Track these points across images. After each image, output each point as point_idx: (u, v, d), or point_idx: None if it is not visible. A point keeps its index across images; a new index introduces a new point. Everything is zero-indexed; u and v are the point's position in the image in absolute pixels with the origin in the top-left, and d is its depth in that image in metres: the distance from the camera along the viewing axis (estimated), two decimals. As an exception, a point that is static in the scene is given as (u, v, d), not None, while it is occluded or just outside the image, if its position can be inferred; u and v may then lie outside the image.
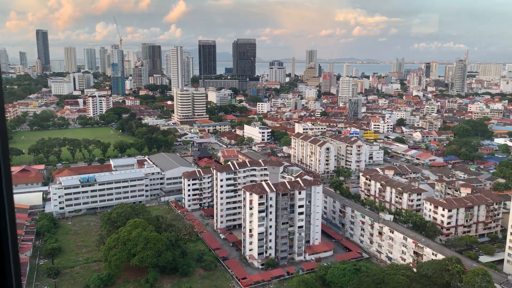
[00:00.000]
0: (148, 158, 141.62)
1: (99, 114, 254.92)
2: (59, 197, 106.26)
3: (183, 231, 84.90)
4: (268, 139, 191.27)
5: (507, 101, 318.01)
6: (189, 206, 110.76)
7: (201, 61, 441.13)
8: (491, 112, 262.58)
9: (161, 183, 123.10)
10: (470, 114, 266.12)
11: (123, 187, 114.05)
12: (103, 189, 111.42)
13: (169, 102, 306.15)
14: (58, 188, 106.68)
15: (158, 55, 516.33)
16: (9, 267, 2.54)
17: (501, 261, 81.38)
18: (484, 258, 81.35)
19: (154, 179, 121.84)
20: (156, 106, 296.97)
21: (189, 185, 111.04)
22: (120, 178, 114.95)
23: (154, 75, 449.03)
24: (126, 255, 73.36)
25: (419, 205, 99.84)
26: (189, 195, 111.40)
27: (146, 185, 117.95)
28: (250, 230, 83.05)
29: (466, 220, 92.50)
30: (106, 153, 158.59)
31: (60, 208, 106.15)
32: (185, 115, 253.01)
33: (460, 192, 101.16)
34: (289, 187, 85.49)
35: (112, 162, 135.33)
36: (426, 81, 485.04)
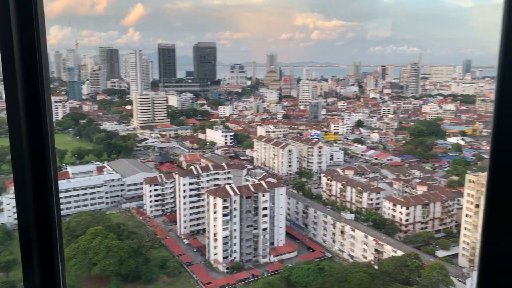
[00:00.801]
0: (108, 165, 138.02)
1: (55, 120, 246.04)
2: (13, 207, 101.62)
3: (146, 237, 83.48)
4: (231, 143, 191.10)
5: (458, 102, 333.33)
6: (151, 212, 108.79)
7: (161, 64, 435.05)
8: (444, 112, 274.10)
9: (122, 190, 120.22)
10: (424, 114, 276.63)
11: (82, 194, 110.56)
12: (61, 198, 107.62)
13: (128, 107, 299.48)
14: (12, 198, 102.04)
15: (116, 59, 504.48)
16: (58, 268, 2.63)
17: (456, 255, 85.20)
18: (440, 253, 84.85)
19: (114, 185, 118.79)
20: (115, 111, 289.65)
21: (150, 191, 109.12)
22: (79, 186, 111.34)
23: (112, 80, 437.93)
24: (87, 265, 71.23)
25: (379, 203, 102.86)
26: (151, 201, 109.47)
27: (106, 192, 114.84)
28: (215, 234, 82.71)
29: (423, 217, 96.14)
30: (63, 160, 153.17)
31: (15, 219, 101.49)
32: (145, 120, 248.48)
33: (416, 190, 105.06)
34: (253, 190, 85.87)
35: (69, 169, 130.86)
36: (382, 83, 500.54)
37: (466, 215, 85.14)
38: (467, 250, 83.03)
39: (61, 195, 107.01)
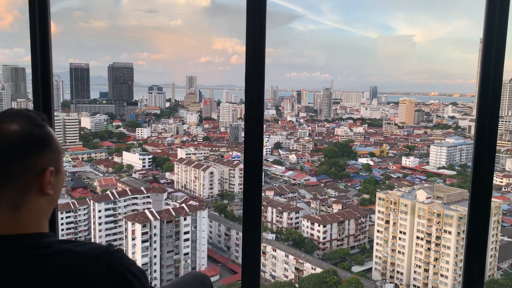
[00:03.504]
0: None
1: None
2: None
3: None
4: (149, 166, 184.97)
5: (366, 125, 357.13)
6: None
7: (73, 84, 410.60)
8: (354, 135, 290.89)
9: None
10: (337, 137, 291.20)
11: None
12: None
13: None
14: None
15: (22, 78, 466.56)
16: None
17: (370, 269, 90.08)
18: (356, 268, 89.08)
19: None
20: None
21: (62, 218, 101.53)
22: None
23: (18, 100, 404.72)
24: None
25: (298, 222, 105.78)
26: (62, 229, 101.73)
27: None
28: (133, 262, 79.10)
29: (339, 234, 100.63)
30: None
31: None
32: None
33: (332, 208, 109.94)
34: (174, 214, 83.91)
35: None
36: (298, 107, 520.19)
37: (378, 231, 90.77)
38: (379, 264, 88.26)
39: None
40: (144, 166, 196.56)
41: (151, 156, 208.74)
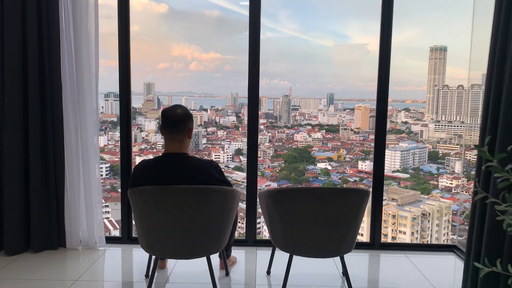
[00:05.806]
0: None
1: None
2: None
3: None
4: (107, 175, 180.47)
5: (324, 130, 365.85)
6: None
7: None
8: (312, 140, 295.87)
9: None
10: (296, 142, 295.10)
11: None
12: None
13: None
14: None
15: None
16: None
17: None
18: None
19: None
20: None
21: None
22: None
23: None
24: None
25: (260, 228, 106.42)
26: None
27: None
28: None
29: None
30: None
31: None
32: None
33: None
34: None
35: None
36: (258, 113, 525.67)
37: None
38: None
39: None
40: (101, 175, 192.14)
41: (108, 165, 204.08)
